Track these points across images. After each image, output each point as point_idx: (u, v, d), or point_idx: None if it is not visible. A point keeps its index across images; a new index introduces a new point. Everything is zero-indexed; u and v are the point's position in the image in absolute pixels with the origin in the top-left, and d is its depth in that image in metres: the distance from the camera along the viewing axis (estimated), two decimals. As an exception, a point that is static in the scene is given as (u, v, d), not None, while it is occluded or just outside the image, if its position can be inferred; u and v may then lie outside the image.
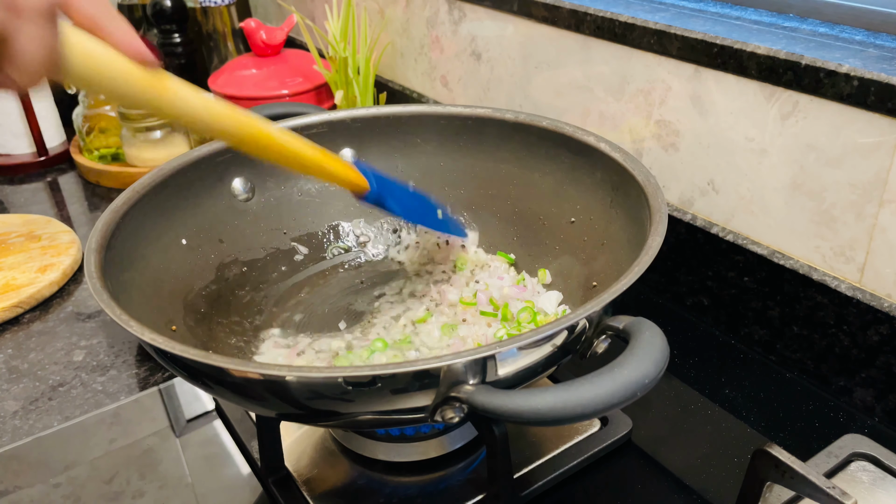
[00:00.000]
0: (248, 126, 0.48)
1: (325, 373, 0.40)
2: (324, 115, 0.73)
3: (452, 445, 0.58)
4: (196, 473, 0.59)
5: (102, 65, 0.39)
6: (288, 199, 0.72)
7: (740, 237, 0.68)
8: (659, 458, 0.59)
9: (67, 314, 0.81)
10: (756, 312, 0.68)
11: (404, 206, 0.61)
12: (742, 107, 0.65)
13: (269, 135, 0.49)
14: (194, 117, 0.45)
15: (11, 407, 0.68)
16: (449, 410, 0.41)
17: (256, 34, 1.11)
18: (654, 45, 0.70)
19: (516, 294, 0.65)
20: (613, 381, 0.38)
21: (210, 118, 0.46)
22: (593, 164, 0.63)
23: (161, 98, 0.42)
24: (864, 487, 0.52)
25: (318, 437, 0.61)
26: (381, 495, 0.55)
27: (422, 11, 1.03)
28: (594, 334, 0.46)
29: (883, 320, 0.58)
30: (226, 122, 0.47)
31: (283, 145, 0.51)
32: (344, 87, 1.04)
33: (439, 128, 0.73)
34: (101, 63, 0.39)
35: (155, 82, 0.42)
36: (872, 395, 0.61)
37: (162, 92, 0.42)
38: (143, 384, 0.70)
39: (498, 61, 0.92)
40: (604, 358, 0.43)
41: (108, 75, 0.39)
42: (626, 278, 0.45)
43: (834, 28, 0.64)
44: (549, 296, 0.64)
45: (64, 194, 1.11)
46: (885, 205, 0.57)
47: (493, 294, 0.65)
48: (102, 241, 0.53)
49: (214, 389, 0.47)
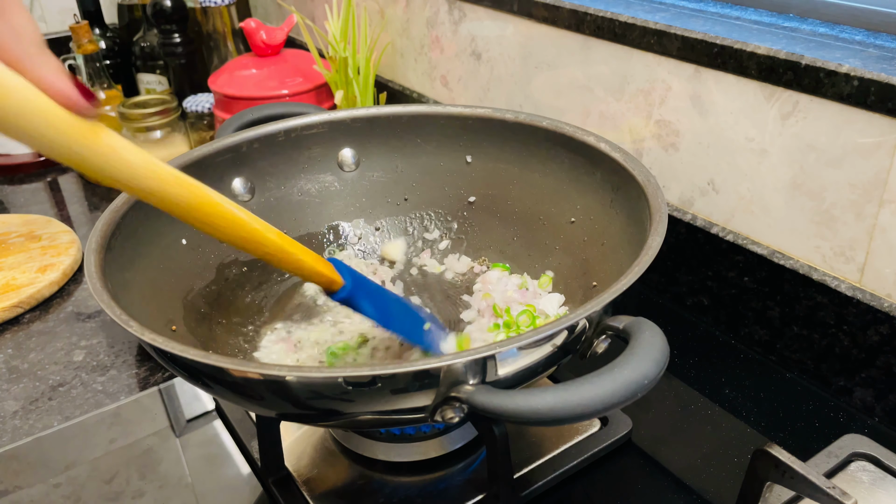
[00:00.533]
0: (202, 200, 0.41)
1: (325, 373, 0.40)
2: (324, 115, 0.73)
3: (452, 445, 0.58)
4: (196, 473, 0.59)
5: (22, 105, 0.33)
6: (288, 199, 0.72)
7: (740, 237, 0.69)
8: (659, 458, 0.59)
9: (67, 314, 0.81)
10: (756, 312, 0.68)
11: (381, 311, 0.53)
12: (742, 107, 0.65)
13: (228, 212, 0.42)
14: (134, 180, 0.38)
15: (11, 407, 0.68)
16: (449, 410, 0.41)
17: (256, 34, 1.11)
18: (654, 45, 0.70)
19: (518, 298, 0.65)
20: (614, 381, 0.38)
21: (156, 185, 0.39)
22: (593, 164, 0.63)
23: (94, 153, 0.36)
24: (864, 487, 0.52)
25: (318, 437, 0.61)
26: (381, 495, 0.55)
27: (422, 11, 1.03)
28: (594, 334, 0.46)
29: (883, 320, 0.58)
30: (175, 190, 0.40)
31: (243, 225, 0.43)
32: (344, 87, 1.04)
33: (439, 128, 0.73)
34: (22, 102, 0.33)
35: (88, 134, 0.35)
36: (872, 395, 0.61)
37: (95, 147, 0.36)
38: (143, 384, 0.70)
39: (498, 61, 0.92)
40: (604, 358, 0.43)
41: (37, 120, 0.33)
42: (626, 278, 0.45)
43: (834, 28, 0.64)
44: (551, 298, 0.64)
45: (64, 194, 1.11)
46: (885, 205, 0.57)
47: (496, 301, 0.65)
48: (102, 241, 0.53)
49: (214, 389, 0.47)
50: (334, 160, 0.74)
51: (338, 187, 0.75)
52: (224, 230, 0.43)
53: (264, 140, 0.70)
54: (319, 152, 0.74)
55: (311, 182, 0.74)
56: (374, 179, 0.75)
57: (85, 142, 0.35)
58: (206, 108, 1.14)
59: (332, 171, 0.75)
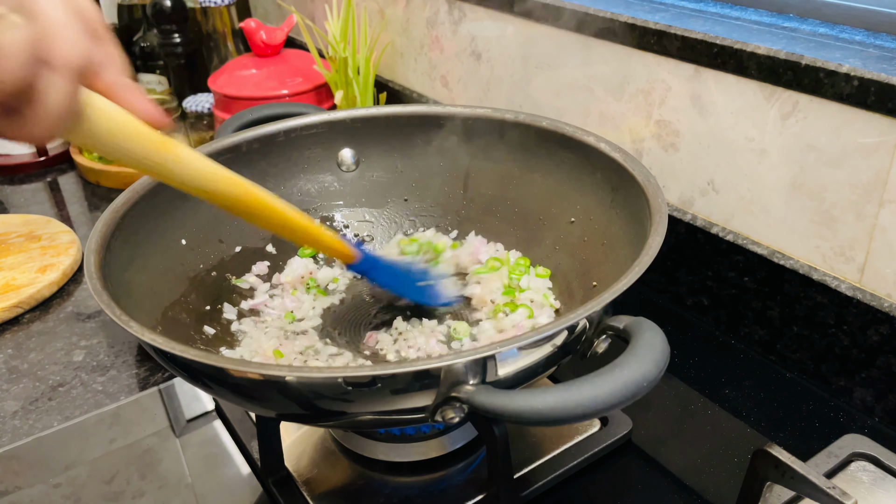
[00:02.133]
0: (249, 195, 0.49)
1: (325, 373, 0.40)
2: (324, 115, 0.73)
3: (452, 445, 0.58)
4: (196, 473, 0.59)
5: (118, 124, 0.39)
6: (287, 199, 0.70)
7: (740, 237, 0.69)
8: (659, 458, 0.59)
9: (67, 314, 0.81)
10: (756, 312, 0.68)
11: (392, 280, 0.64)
12: (742, 107, 0.65)
13: (270, 205, 0.51)
14: (196, 182, 0.45)
15: (11, 407, 0.68)
16: (449, 410, 0.41)
17: (256, 34, 1.11)
18: (654, 45, 0.70)
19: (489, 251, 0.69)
20: (614, 382, 0.38)
21: (215, 186, 0.47)
22: (593, 164, 0.63)
23: (171, 162, 0.43)
24: (864, 487, 0.52)
25: (318, 437, 0.61)
26: (381, 495, 0.55)
27: (422, 11, 1.03)
28: (594, 334, 0.46)
29: (883, 320, 0.58)
30: (230, 189, 0.48)
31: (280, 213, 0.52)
32: (344, 87, 1.04)
33: (439, 128, 0.72)
34: (117, 123, 0.39)
35: (166, 145, 0.42)
36: (872, 395, 0.61)
37: (171, 156, 0.43)
38: (143, 384, 0.70)
39: (498, 61, 0.92)
40: (604, 358, 0.43)
41: (122, 135, 0.40)
42: (626, 278, 0.45)
43: (834, 28, 0.64)
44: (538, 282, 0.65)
45: (64, 194, 1.11)
46: (885, 205, 0.57)
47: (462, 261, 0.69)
48: (102, 241, 0.53)
49: (214, 389, 0.47)
50: (334, 160, 0.74)
51: (337, 187, 0.75)
52: (265, 219, 0.51)
53: (264, 140, 0.70)
54: (319, 152, 0.74)
55: (310, 182, 0.74)
56: (374, 179, 0.75)
57: (164, 152, 0.42)
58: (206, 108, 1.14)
59: (331, 171, 0.75)
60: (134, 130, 0.40)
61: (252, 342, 0.61)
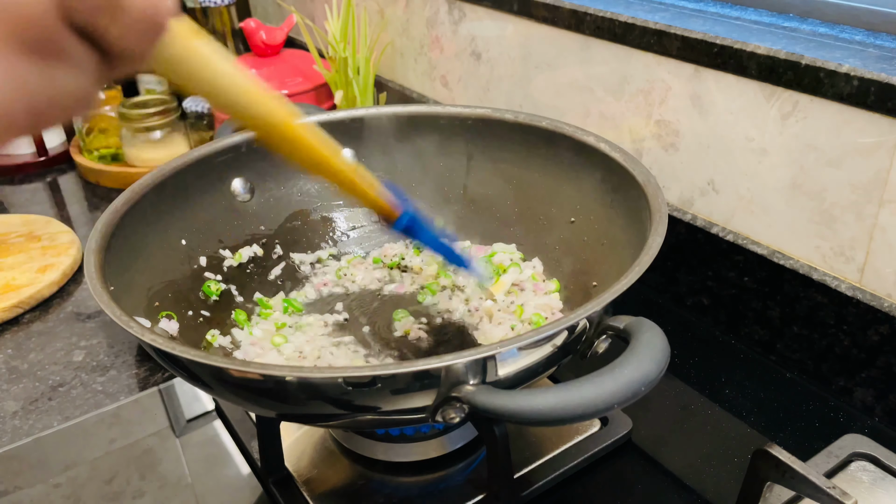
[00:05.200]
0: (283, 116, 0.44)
1: (325, 373, 0.40)
2: (324, 115, 0.73)
3: (452, 445, 0.58)
4: (196, 473, 0.59)
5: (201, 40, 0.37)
6: (288, 199, 0.72)
7: (740, 237, 0.69)
8: (659, 458, 0.59)
9: (67, 314, 0.81)
10: (756, 312, 0.68)
11: (434, 239, 0.58)
12: (742, 107, 0.65)
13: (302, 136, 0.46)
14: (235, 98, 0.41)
15: (11, 407, 0.68)
16: (450, 410, 0.41)
17: (256, 34, 1.11)
18: (654, 45, 0.70)
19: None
20: (614, 381, 0.38)
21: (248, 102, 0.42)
22: (593, 164, 0.63)
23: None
24: (865, 487, 0.52)
25: (318, 437, 0.61)
26: (381, 495, 0.55)
27: (422, 11, 1.03)
28: (594, 334, 0.46)
29: (883, 320, 0.58)
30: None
31: (315, 148, 0.47)
32: (344, 87, 1.04)
33: (439, 128, 0.72)
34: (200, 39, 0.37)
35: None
36: (872, 395, 0.61)
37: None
38: (143, 384, 0.70)
39: (498, 61, 0.92)
40: (604, 358, 0.43)
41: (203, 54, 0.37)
42: (626, 278, 0.45)
43: (834, 28, 0.64)
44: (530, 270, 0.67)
45: (64, 194, 1.11)
46: (885, 205, 0.57)
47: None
48: (102, 241, 0.53)
49: (214, 389, 0.47)
50: (334, 160, 0.74)
51: (337, 188, 0.74)
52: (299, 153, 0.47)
53: (264, 140, 0.70)
54: (319, 152, 0.74)
55: (310, 182, 0.74)
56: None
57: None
58: (206, 108, 1.14)
59: (332, 171, 0.74)
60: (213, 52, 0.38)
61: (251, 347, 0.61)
